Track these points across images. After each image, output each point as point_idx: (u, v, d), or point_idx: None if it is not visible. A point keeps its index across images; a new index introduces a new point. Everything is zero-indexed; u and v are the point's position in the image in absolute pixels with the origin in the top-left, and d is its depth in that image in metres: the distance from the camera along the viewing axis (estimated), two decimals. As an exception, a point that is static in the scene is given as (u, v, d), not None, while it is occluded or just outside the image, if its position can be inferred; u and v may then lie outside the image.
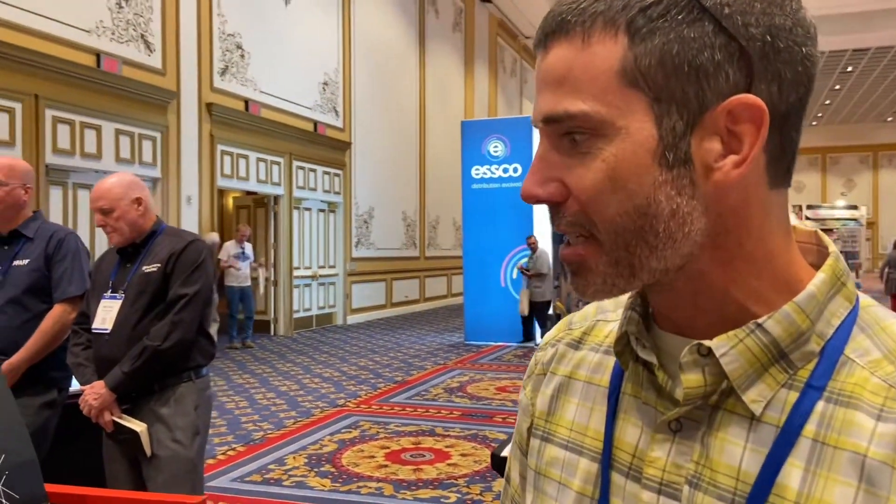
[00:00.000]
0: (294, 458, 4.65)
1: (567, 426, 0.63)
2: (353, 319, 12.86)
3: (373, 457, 4.65)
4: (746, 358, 0.51)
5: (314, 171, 11.87)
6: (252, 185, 10.57)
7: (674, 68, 0.49)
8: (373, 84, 13.48)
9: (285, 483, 4.15)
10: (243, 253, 9.56)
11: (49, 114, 7.09)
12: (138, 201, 2.41)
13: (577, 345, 0.68)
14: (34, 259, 2.60)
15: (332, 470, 4.38)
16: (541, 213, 9.19)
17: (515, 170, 10.20)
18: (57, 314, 2.57)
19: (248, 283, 9.67)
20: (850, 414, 0.49)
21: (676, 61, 0.49)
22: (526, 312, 9.95)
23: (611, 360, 0.63)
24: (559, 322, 0.74)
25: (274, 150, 10.77)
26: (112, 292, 2.41)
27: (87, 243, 6.86)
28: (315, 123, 11.76)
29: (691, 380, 0.52)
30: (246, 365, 8.39)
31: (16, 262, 2.60)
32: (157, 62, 8.53)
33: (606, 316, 0.67)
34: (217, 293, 8.90)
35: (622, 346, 0.59)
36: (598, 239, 0.53)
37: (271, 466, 4.46)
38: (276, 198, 11.10)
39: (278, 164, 10.95)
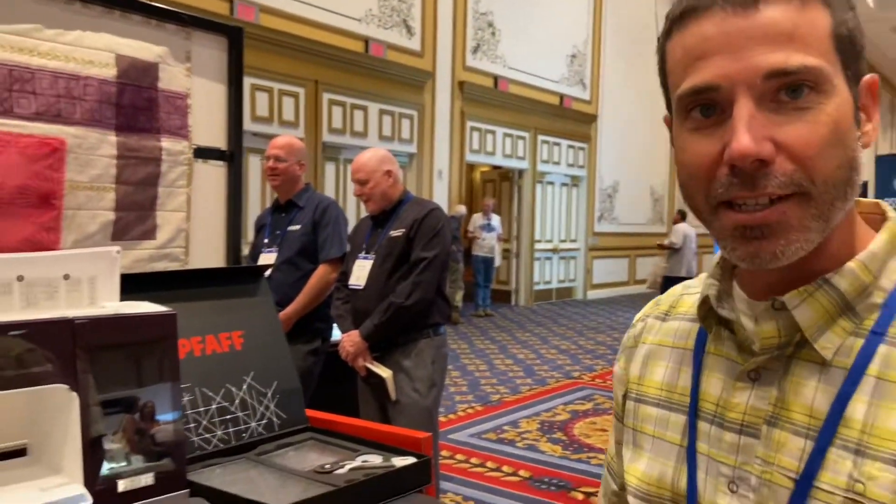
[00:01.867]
0: (527, 422, 4.82)
1: (657, 386, 0.72)
2: (592, 295, 12.79)
3: (605, 430, 4.65)
4: (816, 310, 0.59)
5: (558, 144, 11.93)
6: (498, 160, 10.95)
7: (850, 42, 0.57)
8: (623, 54, 13.09)
9: (518, 444, 4.33)
10: (489, 224, 9.98)
11: (326, 97, 8.01)
12: (389, 174, 2.72)
13: (664, 317, 0.76)
14: (304, 225, 3.00)
15: (564, 438, 4.47)
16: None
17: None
18: (321, 273, 2.96)
19: (493, 254, 10.09)
20: None
21: (854, 36, 0.57)
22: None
23: (695, 327, 0.70)
24: (649, 303, 0.81)
25: (520, 124, 11.02)
26: (365, 253, 2.75)
27: (353, 212, 7.70)
28: (561, 97, 11.78)
29: (766, 331, 0.60)
30: (487, 332, 8.81)
31: (290, 228, 3.03)
32: (416, 45, 9.17)
33: (690, 290, 0.75)
34: (463, 262, 9.48)
35: (705, 311, 0.67)
36: (811, 194, 0.55)
37: (506, 427, 4.68)
38: (521, 172, 11.37)
39: (523, 138, 11.19)
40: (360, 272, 2.71)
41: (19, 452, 1.20)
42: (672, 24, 0.60)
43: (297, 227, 3.01)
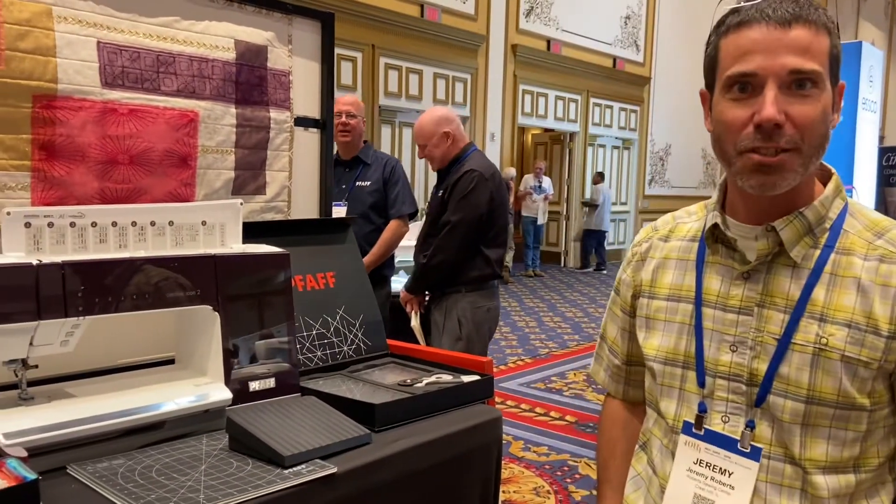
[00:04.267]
0: (574, 374, 5.09)
1: (667, 287, 1.04)
2: (642, 257, 12.85)
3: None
4: (793, 231, 0.91)
5: (610, 107, 11.92)
6: (550, 123, 11.03)
7: (836, 59, 0.88)
8: (679, 14, 12.88)
9: (565, 393, 4.61)
10: (539, 186, 10.14)
11: (382, 61, 8.24)
12: (446, 135, 2.87)
13: (665, 239, 1.07)
14: (374, 181, 3.21)
15: (609, 389, 4.73)
16: (862, 158, 8.16)
17: (836, 103, 9.13)
18: (393, 228, 3.21)
19: (541, 215, 10.26)
20: (850, 259, 0.90)
21: (839, 55, 0.89)
22: None
23: (694, 245, 1.02)
24: (643, 229, 1.14)
25: (572, 87, 11.05)
26: (427, 211, 3.01)
27: (409, 171, 7.97)
28: (614, 59, 11.73)
29: (762, 245, 0.93)
30: (537, 291, 9.05)
31: (358, 183, 3.24)
32: (470, 8, 9.28)
33: (684, 219, 1.08)
34: (512, 224, 9.69)
35: (709, 233, 0.98)
36: (801, 150, 0.86)
37: (553, 378, 4.96)
38: (572, 135, 11.43)
39: (575, 101, 11.23)
40: (417, 231, 3.02)
41: (169, 362, 1.53)
42: (729, 27, 0.90)
43: (367, 183, 3.20)
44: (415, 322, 2.96)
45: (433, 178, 8.62)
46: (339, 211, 3.26)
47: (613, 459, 1.16)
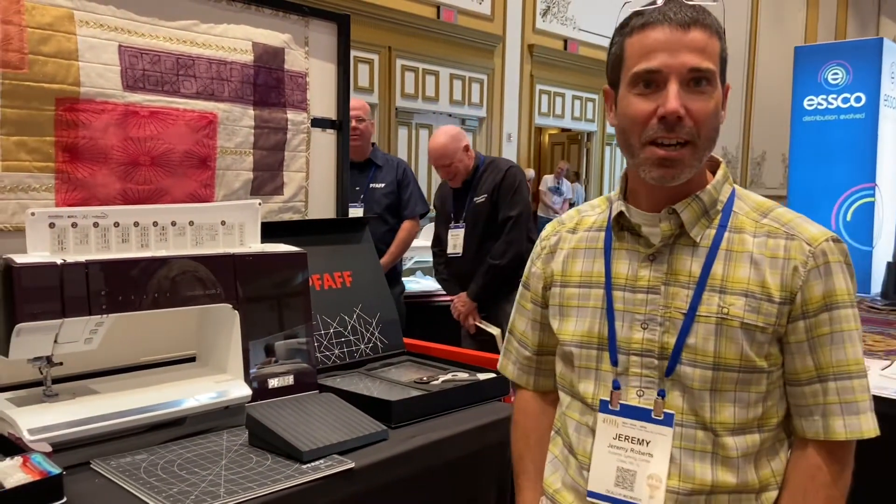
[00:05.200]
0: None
1: (578, 275, 1.10)
2: (661, 257, 12.76)
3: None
4: (691, 213, 1.00)
5: (628, 106, 11.85)
6: (567, 123, 11.01)
7: (724, 60, 0.98)
8: (696, 13, 12.78)
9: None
10: (558, 188, 10.12)
11: (399, 63, 8.27)
12: (466, 149, 2.97)
13: (573, 231, 1.14)
14: (388, 183, 3.26)
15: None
16: (885, 156, 8.03)
17: (858, 99, 8.96)
18: (408, 228, 3.25)
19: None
20: (742, 237, 0.99)
21: (726, 57, 0.98)
22: None
23: (600, 234, 1.09)
24: (549, 224, 1.19)
25: (589, 86, 11.02)
26: (455, 222, 3.01)
27: (424, 173, 8.00)
28: (632, 58, 11.66)
29: (665, 227, 1.00)
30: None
31: (372, 185, 3.29)
32: (486, 9, 9.29)
33: (588, 212, 1.14)
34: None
35: (615, 221, 1.05)
36: (697, 144, 0.95)
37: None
38: (589, 134, 11.40)
39: (592, 100, 11.19)
40: (456, 240, 2.99)
41: (191, 360, 1.56)
42: (633, 28, 0.97)
43: (381, 185, 3.26)
44: (496, 331, 2.88)
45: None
46: (355, 212, 3.31)
47: (528, 450, 1.19)
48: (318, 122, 1.87)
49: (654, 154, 0.95)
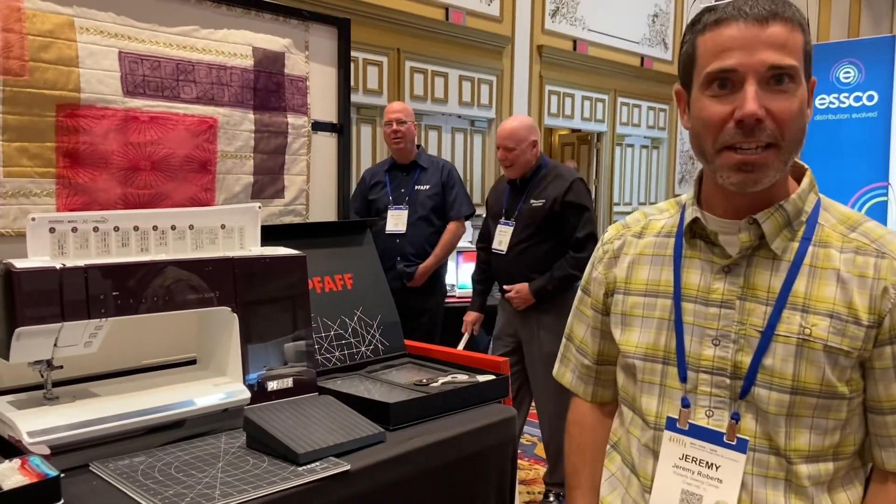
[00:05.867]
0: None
1: (643, 283, 1.03)
2: (672, 258, 12.69)
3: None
4: (774, 224, 0.93)
5: (638, 106, 11.81)
6: (577, 123, 10.97)
7: (809, 54, 0.90)
8: (707, 11, 12.72)
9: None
10: (567, 188, 10.10)
11: (408, 65, 8.28)
12: (534, 144, 2.90)
13: (639, 235, 1.07)
14: (433, 185, 3.27)
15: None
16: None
17: (870, 98, 8.90)
18: (453, 229, 3.26)
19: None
20: (827, 251, 0.92)
21: (811, 51, 0.90)
22: None
23: (670, 241, 1.02)
24: (612, 227, 1.14)
25: (599, 87, 10.98)
26: (505, 219, 2.95)
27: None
28: (642, 58, 11.62)
29: (744, 238, 0.93)
30: (565, 292, 8.98)
31: (417, 187, 3.30)
32: (495, 10, 9.28)
33: (655, 216, 1.08)
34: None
35: (688, 228, 0.98)
36: (781, 146, 0.87)
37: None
38: (600, 135, 11.37)
39: (602, 101, 11.15)
40: (503, 237, 2.92)
41: (191, 362, 1.57)
42: (706, 25, 0.90)
43: (426, 187, 3.25)
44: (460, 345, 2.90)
45: (476, 178, 8.58)
46: (400, 214, 3.27)
47: (584, 465, 1.15)
48: (319, 126, 1.88)
49: (731, 159, 0.88)
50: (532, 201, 2.85)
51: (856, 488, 0.95)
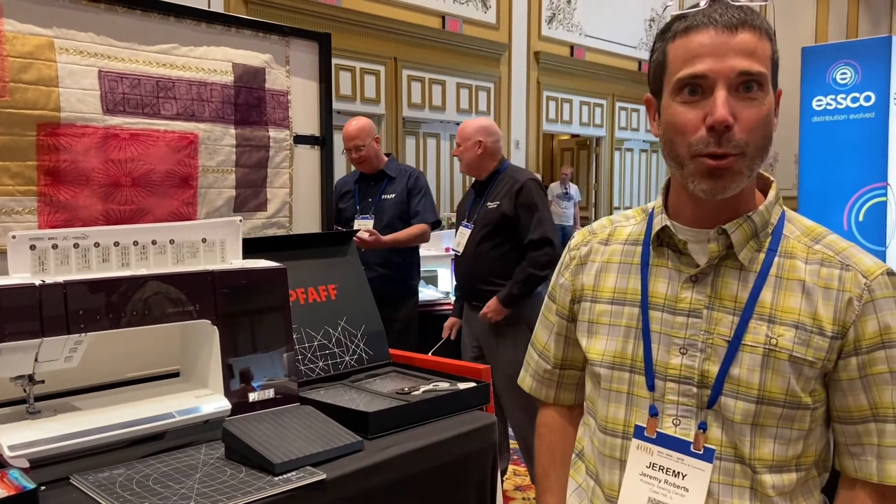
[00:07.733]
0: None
1: (610, 290, 1.04)
2: (674, 261, 12.69)
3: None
4: (742, 234, 0.94)
5: (637, 111, 11.83)
6: (575, 128, 11.00)
7: (776, 63, 0.91)
8: (704, 15, 12.74)
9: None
10: (566, 193, 10.11)
11: (405, 73, 8.33)
12: (479, 144, 2.92)
13: (605, 242, 1.08)
14: (398, 193, 3.30)
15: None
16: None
17: (867, 98, 8.89)
18: (416, 229, 3.27)
19: (571, 222, 10.22)
20: (793, 262, 0.94)
21: (778, 60, 0.91)
22: None
23: (637, 248, 1.03)
24: (578, 233, 1.14)
25: (597, 92, 11.01)
26: (467, 221, 2.99)
27: (433, 182, 8.03)
28: (639, 62, 11.65)
29: (713, 248, 0.94)
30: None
31: (384, 196, 3.33)
32: (491, 18, 9.33)
33: (621, 223, 1.09)
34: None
35: (655, 236, 0.99)
36: (746, 153, 0.88)
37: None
38: (598, 139, 11.38)
39: (601, 106, 11.18)
40: (461, 239, 2.97)
41: (174, 375, 1.59)
42: (676, 32, 0.92)
43: (392, 195, 3.29)
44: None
45: (457, 185, 8.58)
46: (365, 223, 3.32)
47: (554, 467, 1.15)
48: (301, 139, 1.91)
49: (703, 164, 0.88)
50: (489, 203, 2.88)
51: (815, 498, 0.97)
